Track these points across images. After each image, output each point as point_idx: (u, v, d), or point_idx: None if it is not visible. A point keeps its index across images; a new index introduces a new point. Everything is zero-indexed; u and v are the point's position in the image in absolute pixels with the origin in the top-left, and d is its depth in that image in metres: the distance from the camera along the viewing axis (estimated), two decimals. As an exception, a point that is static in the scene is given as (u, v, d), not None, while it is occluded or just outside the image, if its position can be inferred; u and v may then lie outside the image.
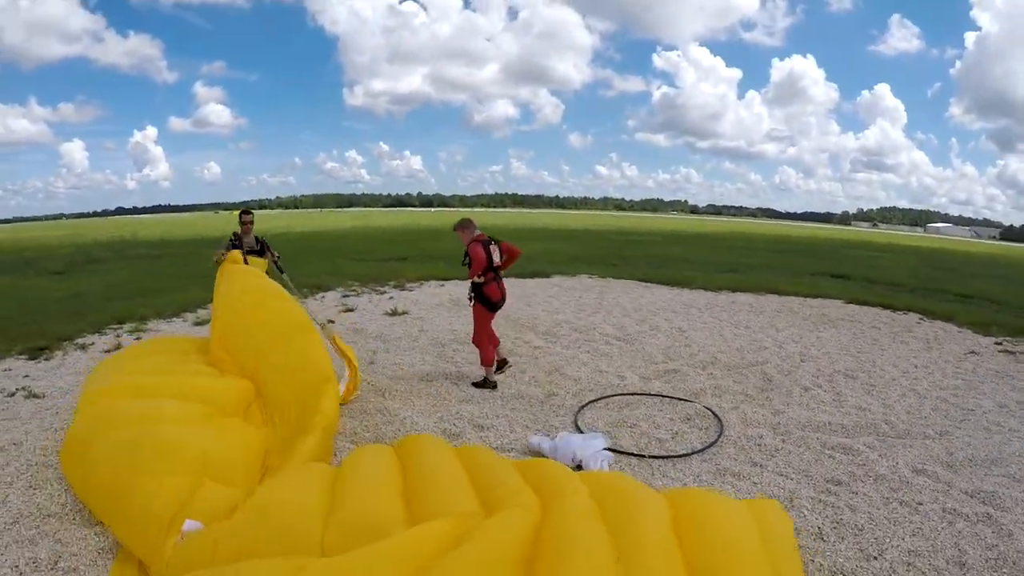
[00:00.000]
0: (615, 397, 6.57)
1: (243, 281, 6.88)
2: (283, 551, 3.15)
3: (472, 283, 6.62)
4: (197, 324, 9.90)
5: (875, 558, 3.68)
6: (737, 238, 42.05)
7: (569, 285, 15.13)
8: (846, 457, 5.10)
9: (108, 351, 8.23)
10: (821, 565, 3.59)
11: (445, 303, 12.07)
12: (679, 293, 14.18)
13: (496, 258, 6.65)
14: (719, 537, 3.21)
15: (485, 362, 6.82)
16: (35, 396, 6.51)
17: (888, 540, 3.86)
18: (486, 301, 6.66)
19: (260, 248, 8.23)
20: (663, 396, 6.60)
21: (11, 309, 11.29)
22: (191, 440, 4.35)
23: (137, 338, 9.08)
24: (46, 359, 8.04)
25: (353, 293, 13.29)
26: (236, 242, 8.02)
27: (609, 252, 25.15)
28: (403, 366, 7.71)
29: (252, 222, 8.23)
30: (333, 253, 22.64)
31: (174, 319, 10.51)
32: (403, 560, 2.94)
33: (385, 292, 13.53)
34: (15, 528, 3.98)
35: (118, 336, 9.21)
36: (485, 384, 6.81)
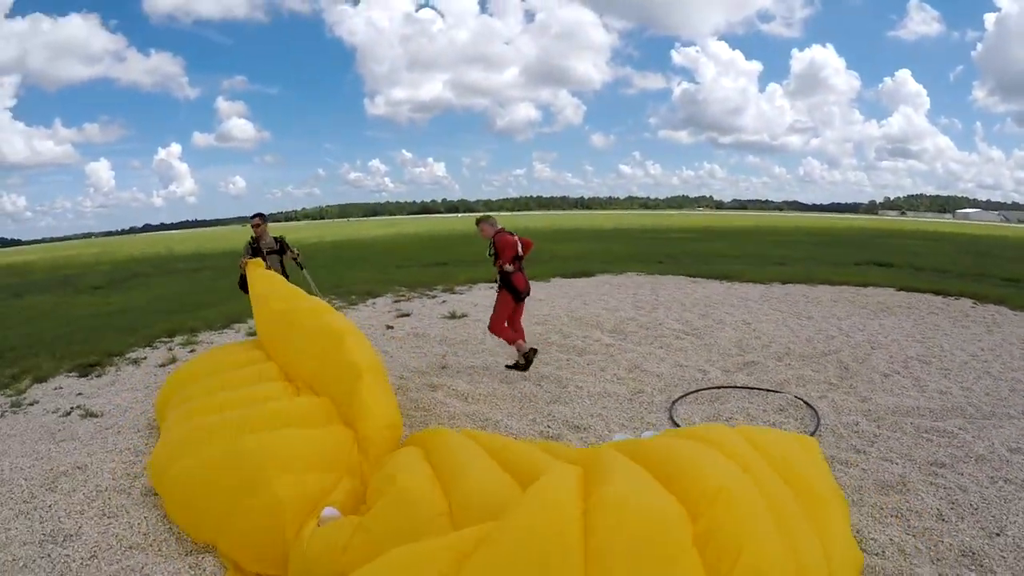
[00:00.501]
0: (704, 391, 6.63)
1: (270, 285, 7.42)
2: (418, 534, 3.22)
3: (501, 272, 7.02)
4: (249, 334, 10.05)
5: (997, 535, 3.79)
6: (770, 232, 41.78)
7: (619, 283, 15.16)
8: (943, 440, 5.20)
9: (163, 365, 8.43)
10: (950, 545, 3.71)
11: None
12: (731, 287, 14.17)
13: (519, 249, 7.08)
14: (784, 454, 3.62)
15: (511, 342, 7.32)
16: (92, 415, 6.41)
17: (1005, 517, 3.97)
18: (513, 290, 7.06)
19: (280, 248, 8.61)
20: (752, 388, 6.66)
21: (56, 327, 11.56)
22: (317, 440, 4.47)
23: (191, 351, 9.23)
24: (98, 375, 8.12)
25: (403, 298, 13.49)
26: (255, 244, 8.45)
27: (649, 250, 25.12)
28: (478, 369, 7.78)
29: (261, 223, 8.56)
30: (373, 260, 22.98)
31: (225, 330, 10.73)
32: (558, 514, 2.85)
33: (436, 296, 13.73)
34: (94, 563, 3.70)
35: (171, 349, 9.36)
36: (518, 366, 7.36)
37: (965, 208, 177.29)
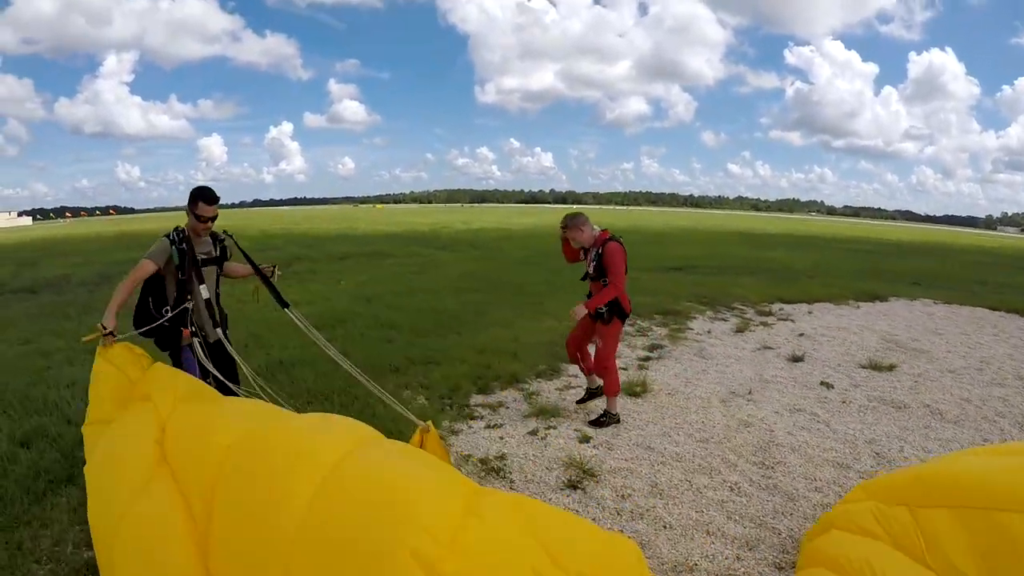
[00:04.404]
0: None
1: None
2: None
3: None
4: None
5: None
6: (943, 248, 35.98)
7: (943, 315, 11.49)
8: None
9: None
10: None
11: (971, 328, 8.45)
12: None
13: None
14: None
15: (613, 391, 5.34)
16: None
17: None
18: (622, 313, 5.27)
19: (221, 253, 4.30)
20: None
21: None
22: None
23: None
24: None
25: (738, 318, 9.88)
26: (180, 243, 3.98)
27: (871, 265, 20.99)
28: None
29: (215, 217, 4.13)
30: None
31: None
32: None
33: (764, 322, 10.05)
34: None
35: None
36: (610, 420, 5.31)
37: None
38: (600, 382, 5.55)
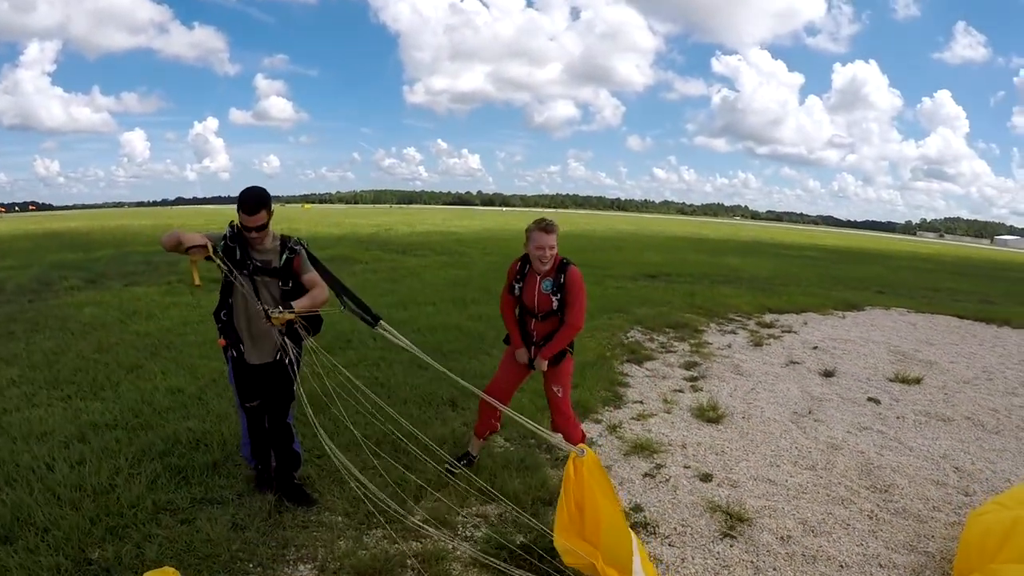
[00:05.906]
0: None
1: None
2: None
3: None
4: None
5: None
6: (885, 256, 38.56)
7: (923, 324, 12.22)
8: None
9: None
10: None
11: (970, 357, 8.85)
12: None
13: None
14: None
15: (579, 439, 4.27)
16: None
17: None
18: (571, 344, 4.38)
19: (286, 265, 3.72)
20: None
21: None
22: None
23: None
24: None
25: (744, 330, 10.04)
26: (232, 239, 3.63)
27: (825, 272, 22.19)
28: None
29: (262, 226, 3.57)
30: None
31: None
32: None
33: (782, 329, 10.40)
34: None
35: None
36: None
37: (1003, 235, 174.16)
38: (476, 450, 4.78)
